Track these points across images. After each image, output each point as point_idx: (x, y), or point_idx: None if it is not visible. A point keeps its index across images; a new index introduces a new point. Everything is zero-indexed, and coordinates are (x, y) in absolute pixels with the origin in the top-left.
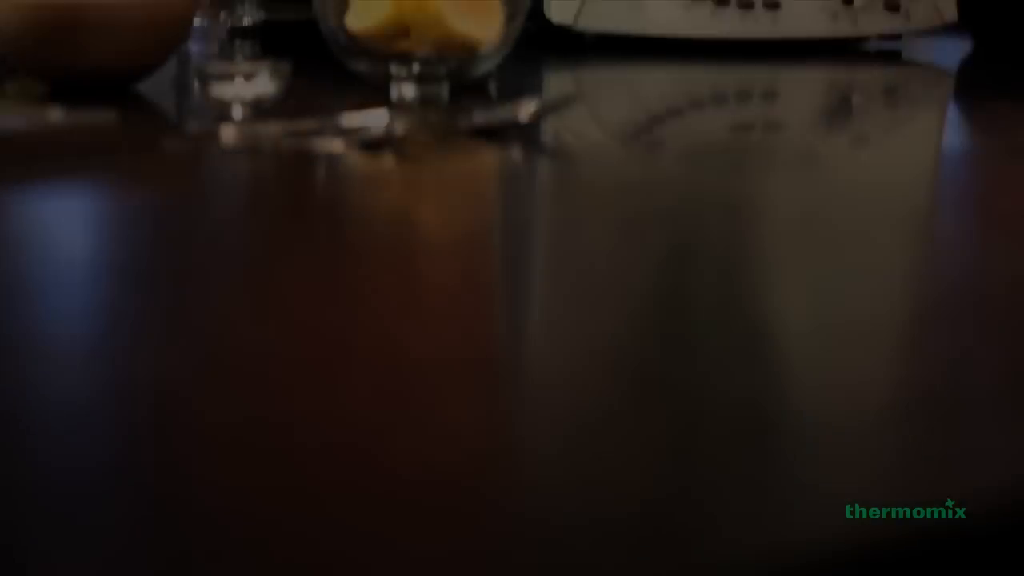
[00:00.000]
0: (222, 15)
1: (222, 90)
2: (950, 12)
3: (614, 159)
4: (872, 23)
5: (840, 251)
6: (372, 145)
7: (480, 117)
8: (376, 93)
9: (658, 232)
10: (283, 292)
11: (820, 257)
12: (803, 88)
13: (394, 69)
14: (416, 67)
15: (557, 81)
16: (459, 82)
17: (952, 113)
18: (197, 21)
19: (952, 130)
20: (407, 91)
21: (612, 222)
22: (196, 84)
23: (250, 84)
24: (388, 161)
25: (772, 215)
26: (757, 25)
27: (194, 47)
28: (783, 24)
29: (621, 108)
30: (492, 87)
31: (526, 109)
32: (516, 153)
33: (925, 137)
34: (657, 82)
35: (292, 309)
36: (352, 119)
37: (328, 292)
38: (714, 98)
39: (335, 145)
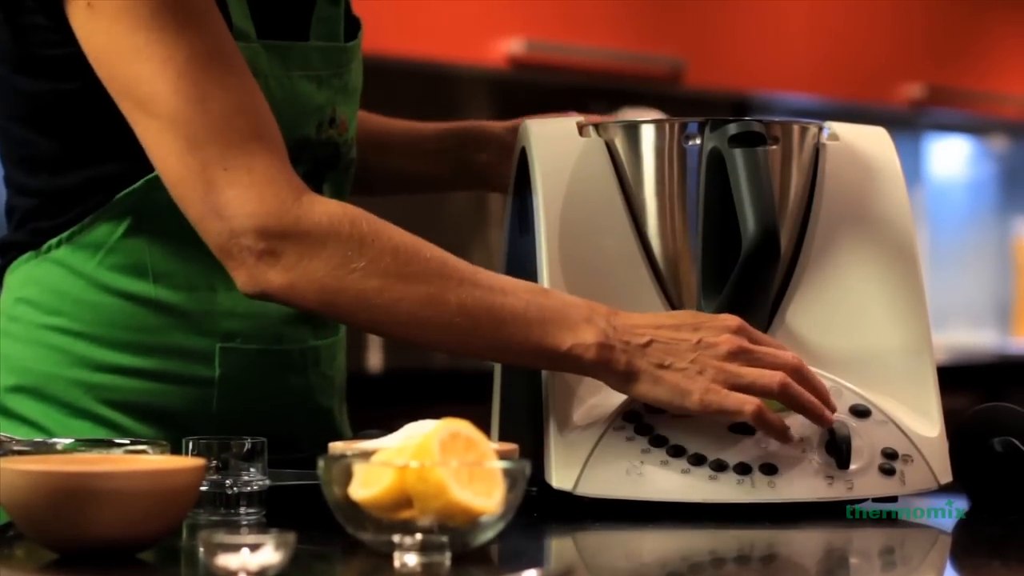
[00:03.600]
0: (228, 481)
1: (227, 560)
2: (944, 474)
3: None
4: (868, 487)
5: None
6: None
7: None
8: (380, 561)
9: None
10: None
11: None
12: (801, 550)
13: (397, 538)
14: (419, 536)
15: (558, 546)
16: (462, 550)
17: (948, 575)
18: (204, 486)
19: None
20: (410, 560)
21: None
22: (202, 553)
23: (255, 554)
24: None
25: None
26: (754, 490)
27: (200, 515)
28: (780, 489)
29: (621, 573)
30: (494, 554)
31: None
32: None
33: None
34: (656, 546)
35: None
36: None
37: None
38: (713, 562)
39: None
